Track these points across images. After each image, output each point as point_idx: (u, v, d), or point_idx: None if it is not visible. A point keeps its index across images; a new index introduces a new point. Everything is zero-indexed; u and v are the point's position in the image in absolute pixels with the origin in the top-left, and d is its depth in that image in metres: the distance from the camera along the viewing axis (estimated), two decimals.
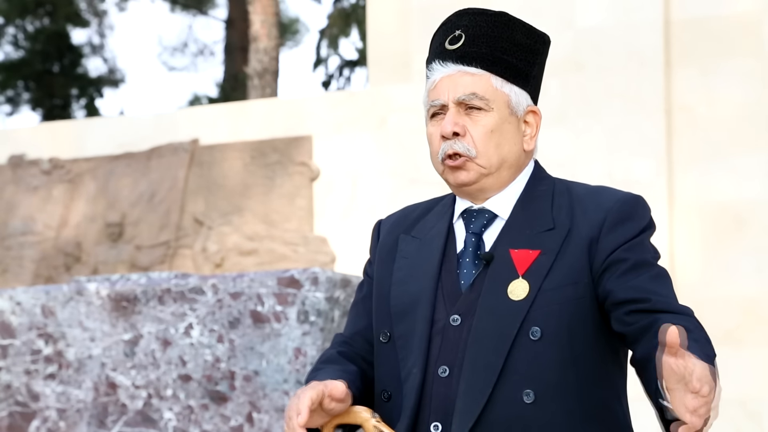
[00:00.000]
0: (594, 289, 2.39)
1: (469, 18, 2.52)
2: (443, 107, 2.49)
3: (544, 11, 9.69)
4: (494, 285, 2.40)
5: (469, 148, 2.46)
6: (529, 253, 2.41)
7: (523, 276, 2.39)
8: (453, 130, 2.46)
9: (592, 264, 2.39)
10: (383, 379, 2.50)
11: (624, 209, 2.44)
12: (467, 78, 2.48)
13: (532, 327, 2.36)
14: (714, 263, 9.29)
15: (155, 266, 11.02)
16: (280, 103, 11.43)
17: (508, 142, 2.49)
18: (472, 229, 2.49)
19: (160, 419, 4.60)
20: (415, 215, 2.61)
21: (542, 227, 2.44)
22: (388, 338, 2.49)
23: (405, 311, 2.47)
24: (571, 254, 2.40)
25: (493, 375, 2.35)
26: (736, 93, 9.39)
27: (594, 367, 2.40)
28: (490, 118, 2.47)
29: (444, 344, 2.42)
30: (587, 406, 2.30)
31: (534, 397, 2.34)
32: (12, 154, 11.84)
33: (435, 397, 2.41)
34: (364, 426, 2.37)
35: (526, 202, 2.49)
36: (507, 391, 2.35)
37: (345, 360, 2.53)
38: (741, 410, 8.99)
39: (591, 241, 2.41)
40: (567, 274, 2.38)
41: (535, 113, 2.53)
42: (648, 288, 2.36)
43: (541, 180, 2.53)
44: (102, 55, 24.08)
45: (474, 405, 2.35)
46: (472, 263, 2.46)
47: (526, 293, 2.38)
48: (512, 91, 2.50)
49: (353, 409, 2.39)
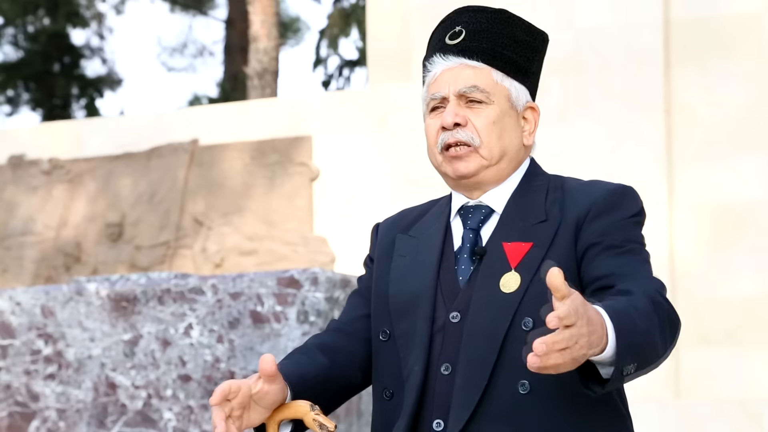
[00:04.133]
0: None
1: (469, 15, 2.53)
2: (444, 100, 2.49)
3: (544, 11, 9.69)
4: (487, 279, 2.41)
5: (473, 137, 2.46)
6: (521, 246, 2.41)
7: (516, 269, 2.40)
8: (454, 120, 2.46)
9: (576, 249, 2.40)
10: (384, 377, 2.50)
11: (610, 199, 2.44)
12: (468, 71, 2.48)
13: (525, 318, 2.36)
14: (714, 263, 9.29)
15: (155, 266, 11.02)
16: (280, 103, 11.43)
17: (509, 135, 2.50)
18: (469, 225, 2.50)
19: (159, 419, 4.60)
20: (413, 216, 2.62)
21: (535, 219, 2.44)
22: (387, 336, 2.49)
23: (405, 310, 2.48)
24: (561, 245, 2.41)
25: (487, 368, 2.35)
26: (736, 93, 9.39)
27: None
28: (492, 110, 2.48)
29: (446, 342, 2.43)
30: (583, 396, 2.30)
31: (529, 387, 2.34)
32: (12, 155, 11.84)
33: (438, 394, 2.41)
34: (304, 419, 2.36)
35: (520, 195, 2.49)
36: (502, 383, 2.35)
37: (318, 352, 2.48)
38: (741, 410, 8.99)
39: (576, 227, 2.42)
40: (557, 263, 2.38)
41: (534, 110, 2.54)
42: (616, 264, 2.35)
43: (536, 176, 2.54)
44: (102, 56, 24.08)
45: (470, 399, 2.35)
46: (469, 259, 2.46)
47: (517, 285, 2.38)
48: (512, 86, 2.51)
49: (293, 402, 2.38)
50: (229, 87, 21.60)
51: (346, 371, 2.51)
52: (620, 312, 2.16)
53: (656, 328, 2.23)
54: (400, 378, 2.46)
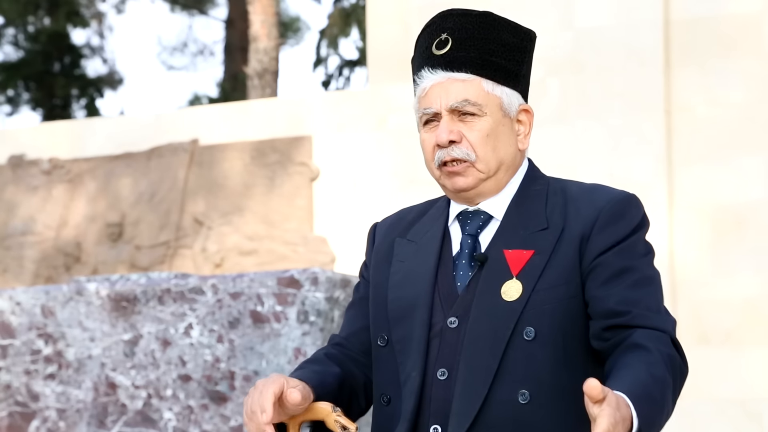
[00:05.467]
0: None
1: (454, 20, 2.50)
2: (436, 115, 2.47)
3: (544, 11, 9.69)
4: (488, 286, 2.40)
5: (468, 153, 2.45)
6: (523, 254, 2.40)
7: (517, 276, 2.39)
8: (449, 138, 2.44)
9: (582, 263, 2.39)
10: (382, 383, 2.50)
11: (616, 208, 2.42)
12: (458, 85, 2.46)
13: (526, 327, 2.36)
14: (714, 263, 9.29)
15: (155, 266, 11.02)
16: (280, 103, 11.42)
17: (504, 145, 2.48)
18: (467, 230, 2.49)
19: (159, 419, 4.60)
20: (410, 218, 2.60)
21: (536, 227, 2.43)
22: (386, 342, 2.49)
23: (402, 315, 2.47)
24: (564, 253, 2.39)
25: (488, 376, 2.35)
26: (736, 93, 9.39)
27: (588, 365, 2.39)
28: (485, 122, 2.46)
29: (442, 347, 2.42)
30: (583, 406, 2.31)
31: (529, 397, 2.34)
32: (12, 155, 11.84)
33: (434, 400, 2.41)
34: (326, 420, 2.38)
35: (520, 202, 2.48)
36: (502, 392, 2.35)
37: (329, 361, 2.52)
38: (741, 410, 8.99)
39: (582, 240, 2.40)
40: (560, 274, 2.38)
41: (528, 111, 2.52)
42: (629, 298, 2.35)
43: (535, 180, 2.52)
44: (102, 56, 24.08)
45: (470, 407, 2.35)
46: (467, 265, 2.45)
47: (519, 294, 2.37)
48: (504, 93, 2.48)
49: (315, 404, 2.39)
50: (229, 87, 21.61)
51: (353, 384, 2.54)
52: (641, 397, 2.20)
53: (670, 392, 2.29)
54: (398, 384, 2.45)
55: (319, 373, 2.46)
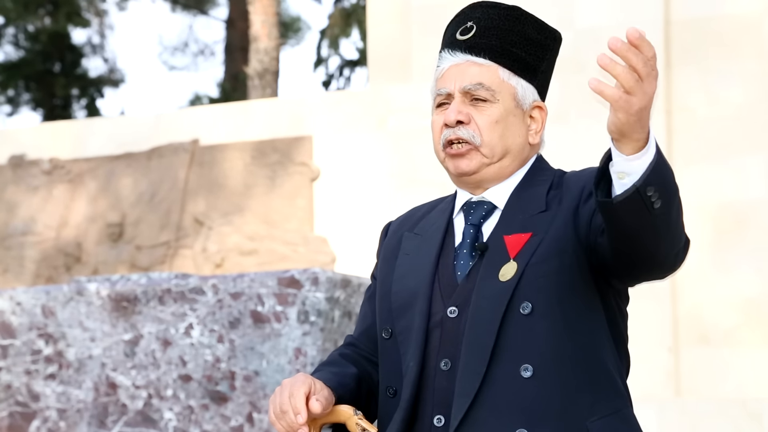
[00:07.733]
0: (583, 254, 2.39)
1: (482, 10, 2.54)
2: (449, 96, 2.50)
3: (544, 11, 9.65)
4: (488, 272, 2.41)
5: (474, 135, 2.47)
6: (521, 237, 2.42)
7: (515, 258, 2.40)
8: (457, 118, 2.47)
9: (578, 229, 2.40)
10: (387, 375, 2.51)
11: None
12: (475, 68, 2.49)
13: (522, 302, 2.36)
14: (714, 263, 9.29)
15: (155, 266, 11.03)
16: (280, 103, 11.43)
17: (513, 134, 2.50)
18: (470, 220, 2.50)
19: (160, 419, 4.60)
20: (420, 214, 2.63)
21: (535, 210, 2.45)
22: (390, 334, 2.50)
23: (404, 306, 2.48)
24: (557, 228, 2.41)
25: (485, 353, 2.35)
26: (736, 93, 9.39)
27: (589, 335, 2.40)
28: (496, 109, 2.48)
29: (444, 337, 2.43)
30: (586, 375, 2.30)
31: (533, 371, 2.34)
32: (12, 154, 11.85)
33: (437, 390, 2.41)
34: (347, 423, 2.39)
35: (522, 189, 2.49)
36: (503, 369, 2.35)
37: (345, 362, 2.54)
38: (741, 410, 8.99)
39: (574, 211, 2.41)
40: (552, 246, 2.39)
41: (541, 108, 2.54)
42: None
43: (542, 171, 2.54)
44: (102, 55, 24.08)
45: (469, 386, 2.35)
46: (468, 254, 2.46)
47: (514, 272, 2.38)
48: (519, 84, 2.51)
49: (336, 407, 2.40)
50: (229, 87, 21.61)
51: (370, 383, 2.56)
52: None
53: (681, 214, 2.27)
54: (401, 375, 2.46)
55: (338, 374, 2.48)
